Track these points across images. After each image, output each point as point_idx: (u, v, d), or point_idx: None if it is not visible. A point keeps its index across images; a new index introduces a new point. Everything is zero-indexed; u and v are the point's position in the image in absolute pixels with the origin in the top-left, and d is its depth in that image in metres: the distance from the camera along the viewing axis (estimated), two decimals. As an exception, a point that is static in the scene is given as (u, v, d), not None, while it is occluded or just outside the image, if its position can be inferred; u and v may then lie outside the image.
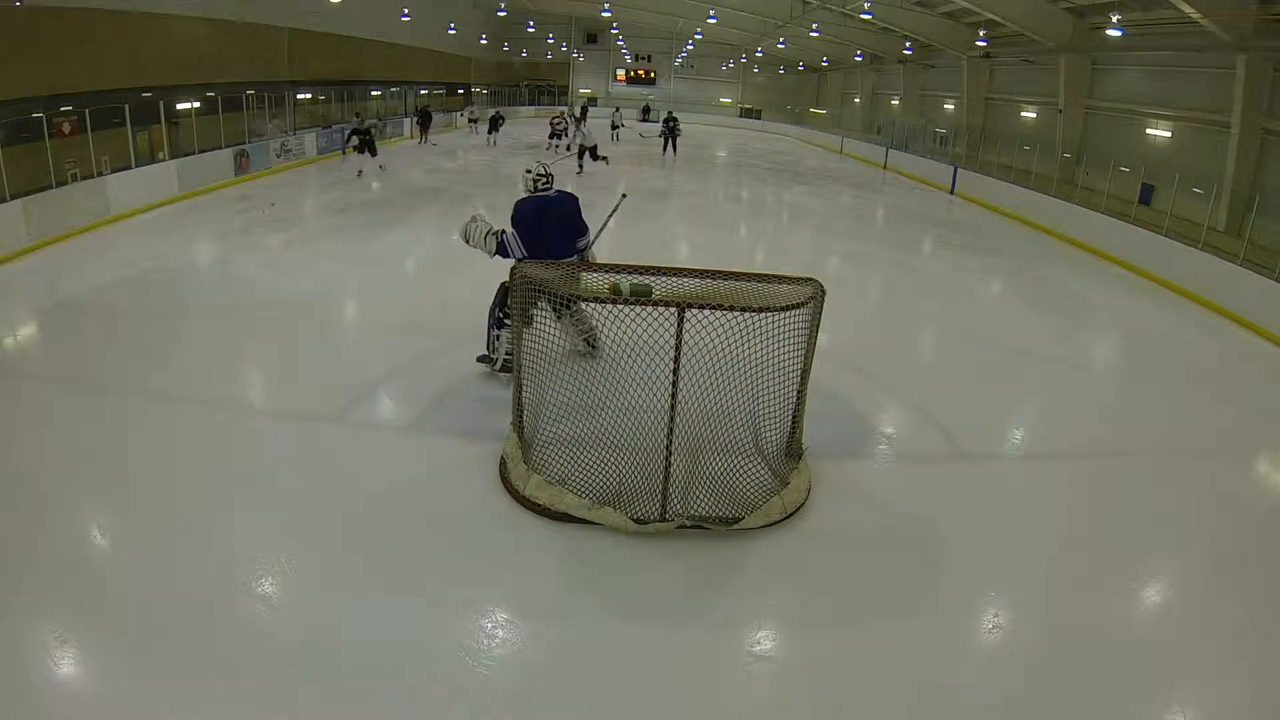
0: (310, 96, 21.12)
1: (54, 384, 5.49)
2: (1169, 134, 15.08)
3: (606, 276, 4.33)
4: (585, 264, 5.09)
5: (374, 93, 25.06)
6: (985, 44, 19.51)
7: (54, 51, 13.04)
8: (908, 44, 23.78)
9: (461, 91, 33.30)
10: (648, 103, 35.52)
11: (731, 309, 3.85)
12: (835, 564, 3.96)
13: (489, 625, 3.36)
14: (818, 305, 4.25)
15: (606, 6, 32.33)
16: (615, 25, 38.62)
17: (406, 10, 26.50)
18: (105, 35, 14.38)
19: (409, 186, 15.16)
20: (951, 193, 18.87)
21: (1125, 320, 9.18)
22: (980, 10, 17.36)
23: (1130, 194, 13.25)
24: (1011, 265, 11.60)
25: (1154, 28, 14.12)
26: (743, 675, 3.22)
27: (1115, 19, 13.63)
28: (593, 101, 35.91)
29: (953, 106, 23.89)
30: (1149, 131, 15.53)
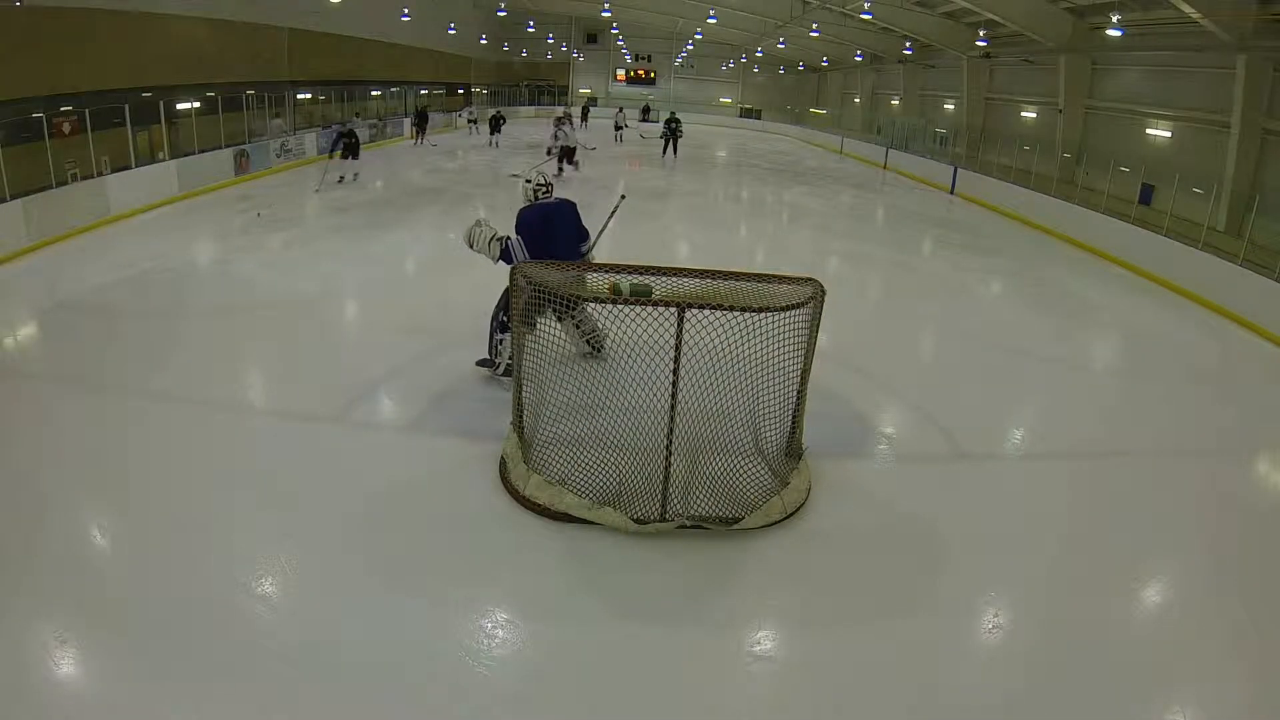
0: (310, 96, 21.12)
1: (54, 384, 5.49)
2: (1169, 134, 15.09)
3: (606, 276, 4.33)
4: (586, 264, 5.08)
5: (374, 93, 25.06)
6: (985, 44, 19.52)
7: (54, 51, 13.04)
8: (908, 44, 23.78)
9: (461, 91, 33.31)
10: (648, 103, 35.59)
11: (731, 309, 3.85)
12: (835, 564, 3.96)
13: (489, 625, 3.36)
14: (818, 305, 4.25)
15: (606, 6, 32.34)
16: (615, 25, 38.63)
17: (406, 10, 26.51)
18: (105, 35, 14.38)
19: (409, 186, 15.16)
20: (951, 193, 18.88)
21: (1125, 320, 9.18)
22: (980, 10, 17.36)
23: (1130, 194, 13.25)
24: (1011, 265, 11.60)
25: (1154, 28, 14.13)
26: (743, 675, 3.22)
27: (1115, 19, 13.64)
28: (593, 101, 35.89)
29: (953, 106, 23.90)
30: (1149, 131, 15.53)
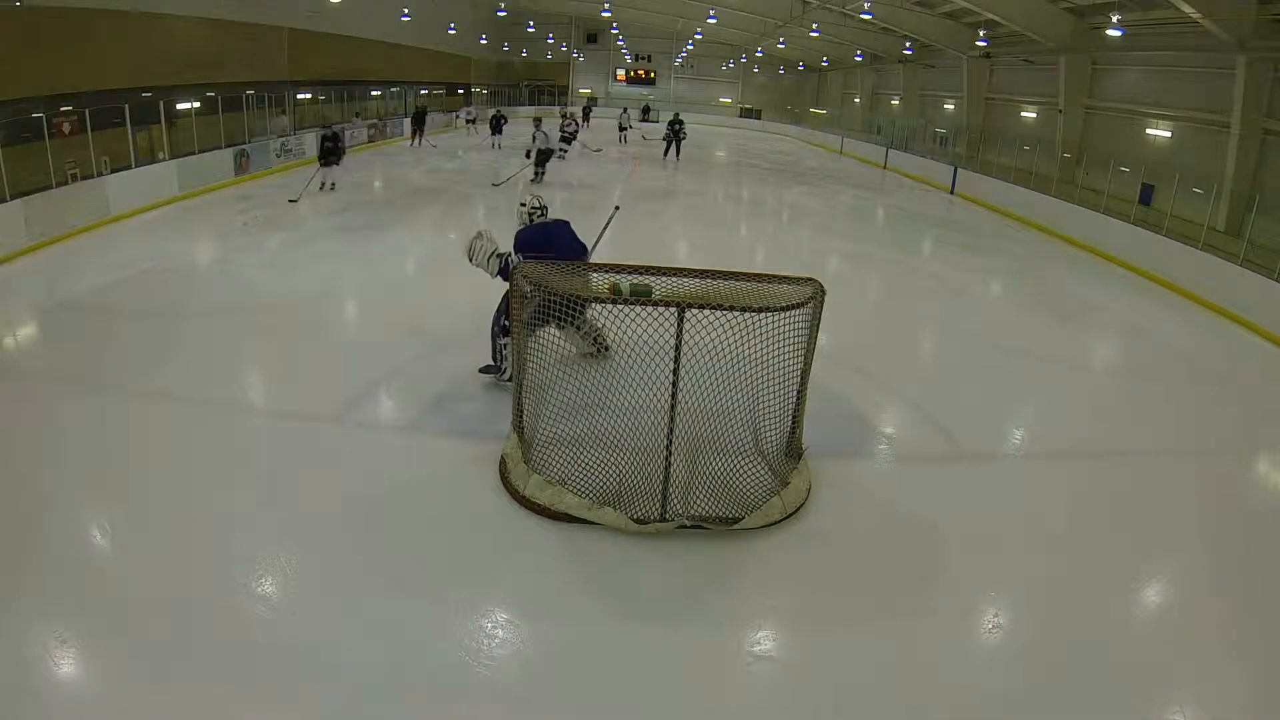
0: (310, 96, 21.11)
1: (54, 384, 5.48)
2: (1169, 134, 15.09)
3: (606, 276, 4.33)
4: (586, 264, 5.08)
5: (374, 92, 25.05)
6: (985, 44, 19.51)
7: (54, 51, 13.05)
8: (908, 44, 23.78)
9: (461, 91, 33.29)
10: (648, 103, 35.52)
11: (731, 309, 3.85)
12: (835, 564, 3.96)
13: (489, 625, 3.36)
14: (818, 305, 4.25)
15: (606, 6, 32.33)
16: (615, 25, 38.61)
17: (406, 10, 26.51)
18: (105, 35, 14.39)
19: (409, 186, 15.16)
20: (951, 193, 18.87)
21: (1125, 320, 9.18)
22: (980, 10, 17.36)
23: (1130, 194, 13.25)
24: (1011, 265, 11.60)
25: (1154, 28, 14.13)
26: (743, 675, 3.22)
27: (1115, 19, 13.63)
28: (593, 102, 35.84)
29: (953, 106, 23.90)
30: (1149, 131, 15.53)
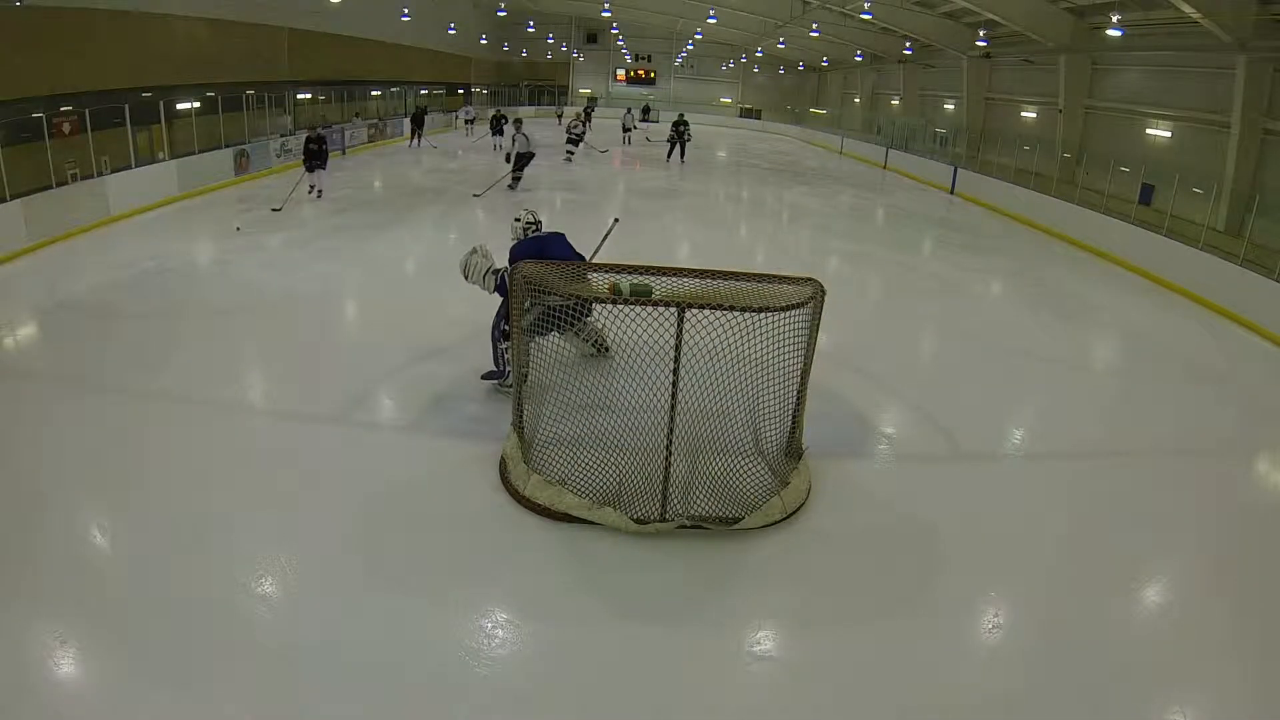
0: (310, 96, 21.10)
1: (54, 384, 5.49)
2: (1169, 134, 15.08)
3: (606, 277, 4.33)
4: (586, 264, 5.08)
5: (374, 93, 25.05)
6: (985, 44, 19.50)
7: (54, 51, 13.02)
8: (908, 44, 23.77)
9: (461, 91, 33.29)
10: (648, 103, 35.39)
11: (731, 309, 3.85)
12: (835, 564, 3.96)
13: (489, 625, 3.36)
14: (818, 305, 4.25)
15: (606, 6, 32.30)
16: (615, 25, 38.59)
17: (406, 10, 26.48)
18: (105, 35, 14.37)
19: (409, 186, 15.16)
20: (951, 193, 18.87)
21: (1125, 320, 9.18)
22: (980, 10, 17.35)
23: (1130, 194, 13.23)
24: (1011, 265, 11.59)
25: (1154, 28, 14.12)
26: (743, 675, 3.22)
27: (1115, 19, 13.62)
28: (594, 102, 35.68)
29: (953, 106, 23.89)
30: (1149, 131, 15.52)
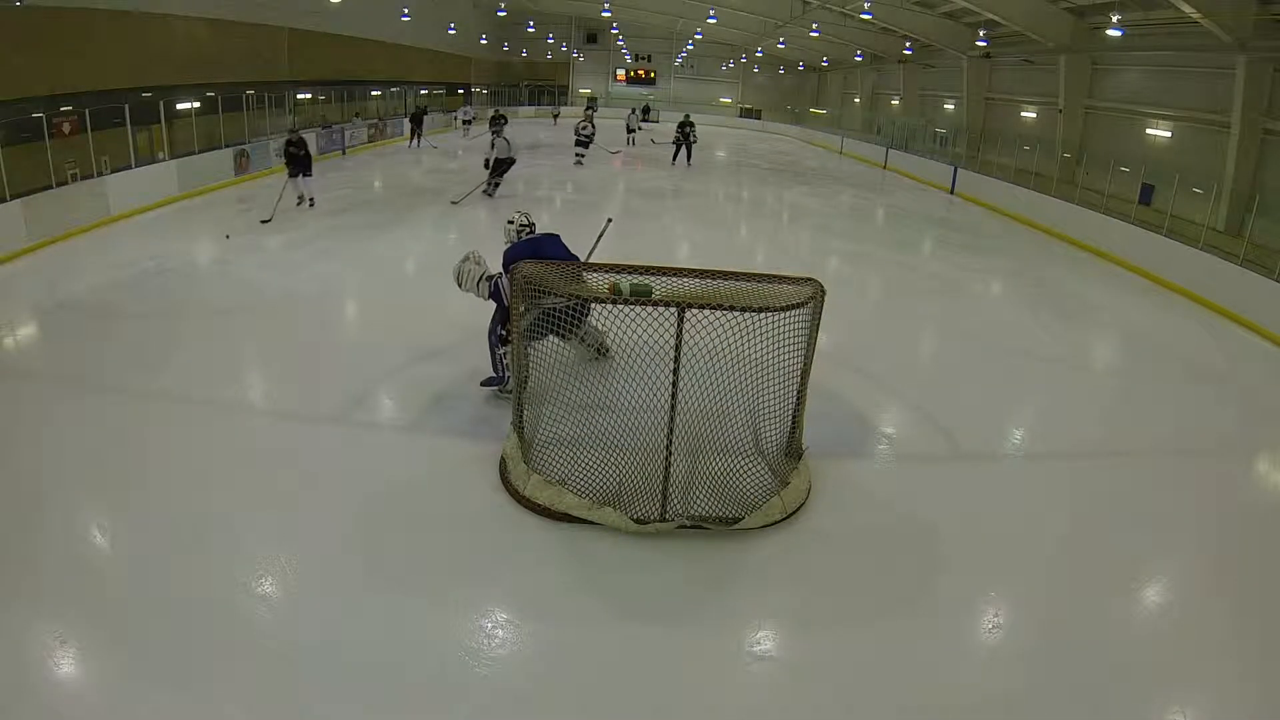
0: (310, 96, 21.10)
1: (54, 384, 5.49)
2: (1169, 134, 15.09)
3: (606, 277, 4.33)
4: (586, 264, 5.08)
5: (374, 92, 25.05)
6: (985, 44, 19.51)
7: (54, 51, 13.04)
8: (908, 44, 23.78)
9: (461, 91, 33.29)
10: (648, 103, 35.29)
11: (731, 309, 3.85)
12: (835, 564, 3.96)
13: (489, 625, 3.36)
14: (818, 305, 4.25)
15: (606, 6, 32.29)
16: (615, 25, 38.58)
17: (406, 10, 26.50)
18: (105, 35, 14.38)
19: (409, 186, 15.16)
20: (951, 193, 18.87)
21: (1125, 320, 9.18)
22: (980, 10, 17.35)
23: (1130, 194, 13.23)
24: (1011, 265, 11.59)
25: (1154, 28, 14.12)
26: (743, 675, 3.22)
27: (1115, 19, 13.63)
28: (594, 102, 35.49)
29: (953, 106, 23.89)
30: (1149, 131, 15.53)
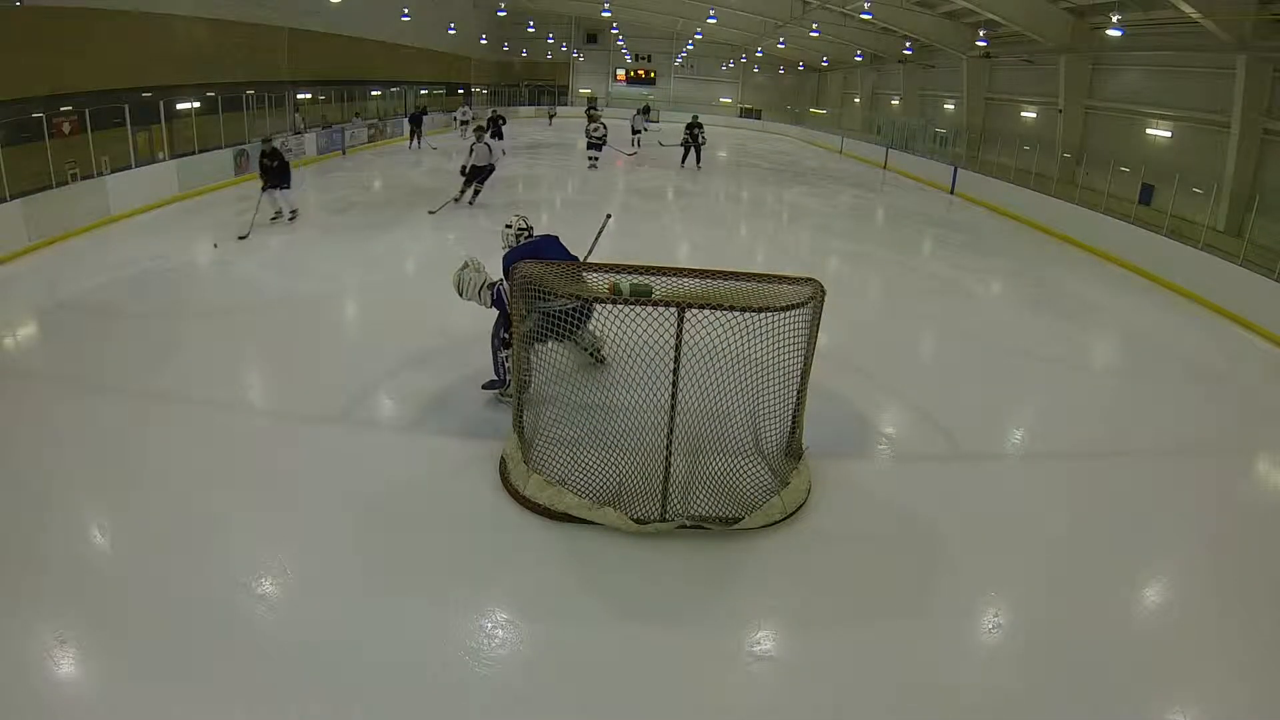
0: (310, 96, 21.09)
1: (54, 384, 5.49)
2: (1169, 134, 15.08)
3: (606, 277, 4.33)
4: (586, 264, 5.07)
5: (374, 92, 25.06)
6: (985, 44, 19.49)
7: (54, 51, 13.03)
8: (908, 44, 23.76)
9: (461, 91, 33.29)
10: (648, 102, 35.15)
11: (731, 309, 3.85)
12: (835, 564, 3.96)
13: (489, 625, 3.36)
14: (818, 305, 4.25)
15: (606, 6, 32.27)
16: (615, 25, 38.56)
17: (406, 10, 26.50)
18: (105, 35, 14.38)
19: (409, 186, 15.15)
20: (951, 193, 18.87)
21: (1125, 320, 9.18)
22: (980, 10, 17.34)
23: (1130, 194, 13.23)
24: (1011, 265, 11.59)
25: (1154, 28, 14.11)
26: (743, 675, 3.22)
27: (1115, 19, 13.62)
28: (594, 103, 35.24)
29: (953, 106, 23.88)
30: (1149, 131, 15.52)
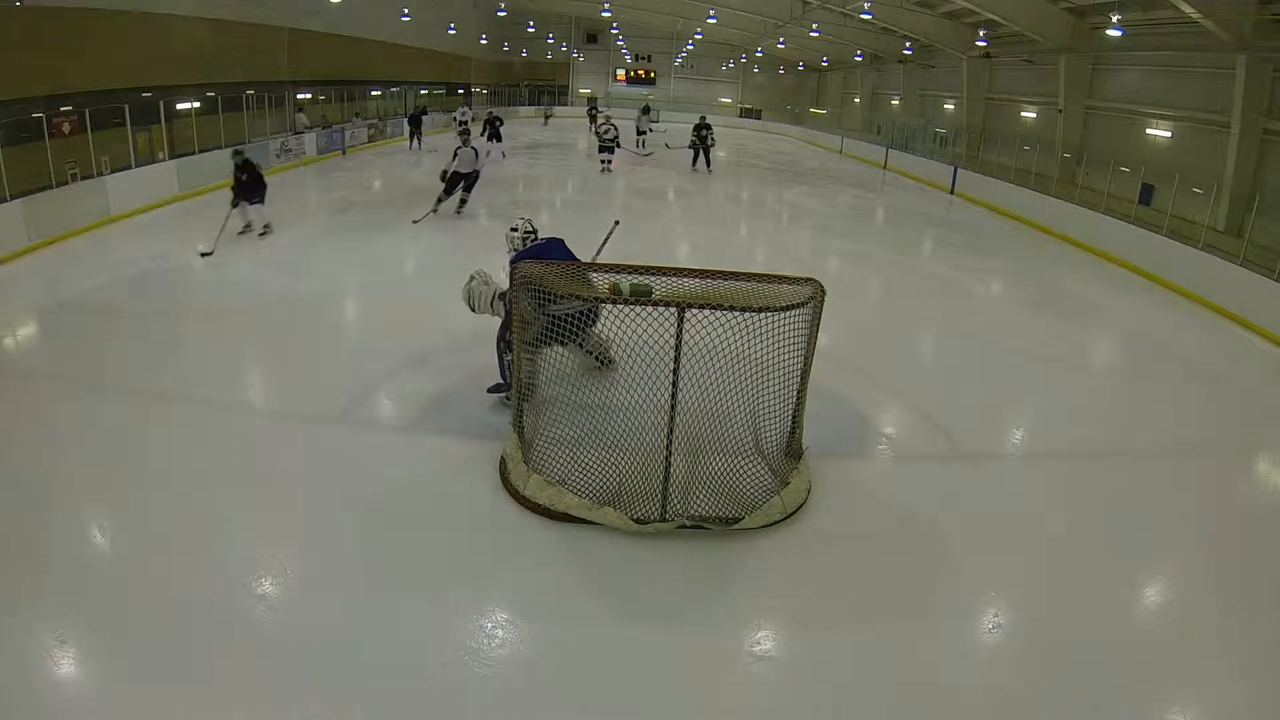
0: (310, 96, 21.10)
1: (54, 384, 5.49)
2: (1169, 134, 15.08)
3: (606, 276, 4.34)
4: (586, 264, 5.07)
5: (374, 92, 25.06)
6: (985, 44, 19.49)
7: (54, 51, 13.03)
8: (908, 44, 23.76)
9: (461, 91, 33.28)
10: (648, 103, 34.97)
11: (731, 309, 3.85)
12: (835, 564, 3.96)
13: (489, 625, 3.36)
14: (818, 305, 4.25)
15: (606, 6, 32.26)
16: (615, 25, 38.56)
17: (406, 10, 26.49)
18: (105, 35, 14.37)
19: (409, 186, 15.14)
20: (951, 193, 18.87)
21: (1125, 320, 9.18)
22: (980, 10, 17.34)
23: (1130, 194, 13.23)
24: (1011, 265, 11.59)
25: (1154, 28, 14.11)
26: (743, 675, 3.22)
27: (1115, 19, 13.62)
28: (594, 103, 35.07)
29: (953, 106, 23.88)
30: (1149, 131, 15.52)
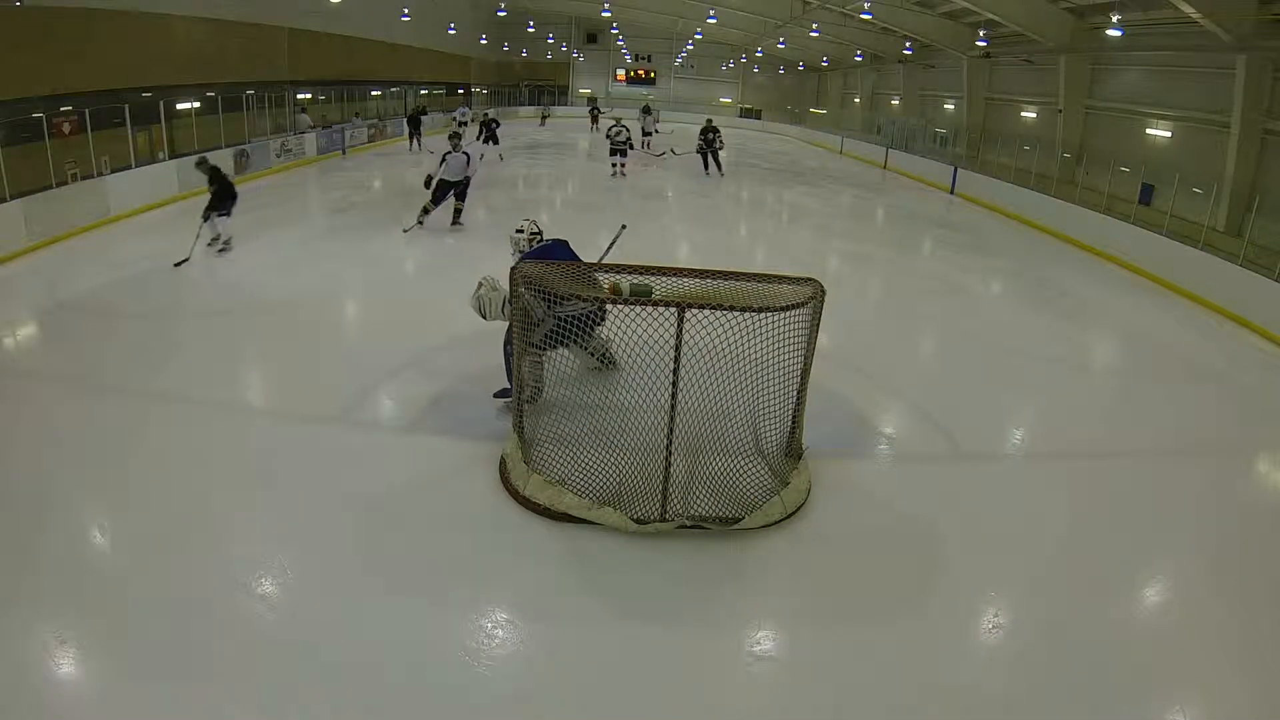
0: (310, 96, 21.10)
1: (54, 384, 5.49)
2: (1169, 134, 15.08)
3: (607, 277, 4.34)
4: (586, 264, 5.07)
5: (374, 92, 25.06)
6: (985, 44, 19.50)
7: (54, 51, 13.03)
8: (908, 44, 23.76)
9: (461, 91, 33.28)
10: (648, 103, 34.85)
11: (731, 309, 3.86)
12: (835, 564, 3.96)
13: (489, 625, 3.36)
14: (818, 305, 4.25)
15: (606, 6, 32.24)
16: (615, 25, 38.55)
17: (406, 10, 26.51)
18: (105, 35, 14.38)
19: (408, 187, 15.13)
20: (951, 193, 18.87)
21: (1125, 320, 9.18)
22: (980, 10, 17.35)
23: (1130, 194, 13.23)
24: (1011, 265, 11.59)
25: (1154, 28, 14.11)
26: (743, 675, 3.22)
27: (1115, 19, 13.62)
28: (594, 103, 34.84)
29: (953, 106, 23.89)
30: (1149, 131, 15.52)
